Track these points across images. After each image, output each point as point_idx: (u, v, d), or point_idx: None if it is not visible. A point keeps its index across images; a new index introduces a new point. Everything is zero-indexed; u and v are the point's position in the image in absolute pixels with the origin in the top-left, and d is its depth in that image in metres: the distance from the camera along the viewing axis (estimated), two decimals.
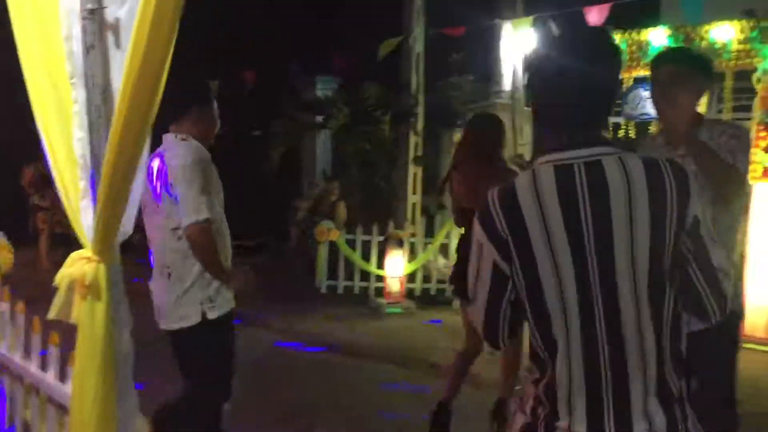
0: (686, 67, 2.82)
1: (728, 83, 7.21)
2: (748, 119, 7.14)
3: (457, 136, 9.98)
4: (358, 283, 8.49)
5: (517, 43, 10.12)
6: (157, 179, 3.02)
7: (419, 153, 9.14)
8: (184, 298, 3.02)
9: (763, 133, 6.72)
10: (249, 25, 12.11)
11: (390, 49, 8.50)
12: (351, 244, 8.42)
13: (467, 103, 10.20)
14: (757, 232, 6.71)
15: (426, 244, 8.59)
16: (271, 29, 12.07)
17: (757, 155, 6.76)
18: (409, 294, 8.29)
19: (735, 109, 7.61)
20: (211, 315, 3.02)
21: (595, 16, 6.91)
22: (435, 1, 9.35)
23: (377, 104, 9.34)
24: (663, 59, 2.95)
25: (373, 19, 10.05)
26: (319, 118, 10.02)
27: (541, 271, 1.55)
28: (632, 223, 1.51)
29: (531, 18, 8.46)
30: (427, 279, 8.59)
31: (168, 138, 3.12)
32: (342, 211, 8.86)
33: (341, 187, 9.08)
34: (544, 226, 1.54)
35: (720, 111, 7.77)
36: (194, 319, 3.01)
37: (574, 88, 1.59)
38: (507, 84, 10.24)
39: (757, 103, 6.83)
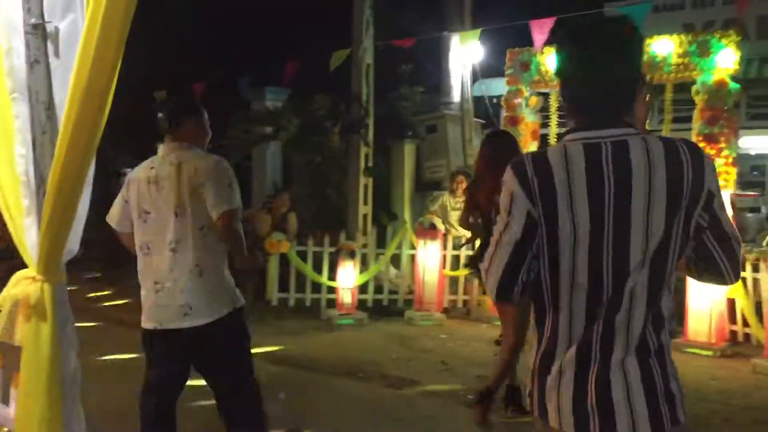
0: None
1: (668, 95, 7.45)
2: (688, 130, 7.38)
3: (409, 146, 10.06)
4: (309, 295, 8.46)
5: (465, 55, 10.28)
6: (177, 185, 3.16)
7: (370, 164, 9.16)
8: (217, 292, 3.21)
9: (702, 144, 6.94)
10: (197, 36, 12.01)
11: (341, 60, 8.52)
12: (302, 255, 8.38)
13: (417, 114, 10.29)
14: None
15: (377, 254, 8.61)
16: (219, 40, 11.99)
17: None
18: (361, 305, 8.29)
19: (675, 120, 7.86)
20: (238, 304, 3.27)
21: (540, 30, 7.05)
22: (384, 13, 9.42)
23: (327, 115, 9.34)
24: None
25: (323, 30, 10.08)
26: (269, 130, 9.97)
27: (560, 232, 1.69)
28: (650, 198, 1.66)
29: (478, 31, 8.58)
30: (379, 290, 8.60)
31: (172, 147, 3.25)
32: (293, 222, 8.82)
33: (292, 199, 9.04)
34: (569, 192, 1.68)
35: (661, 122, 8.02)
36: (227, 310, 3.20)
37: (602, 74, 1.71)
38: (456, 95, 10.39)
39: (696, 114, 7.06)
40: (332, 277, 8.17)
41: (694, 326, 6.81)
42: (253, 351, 3.50)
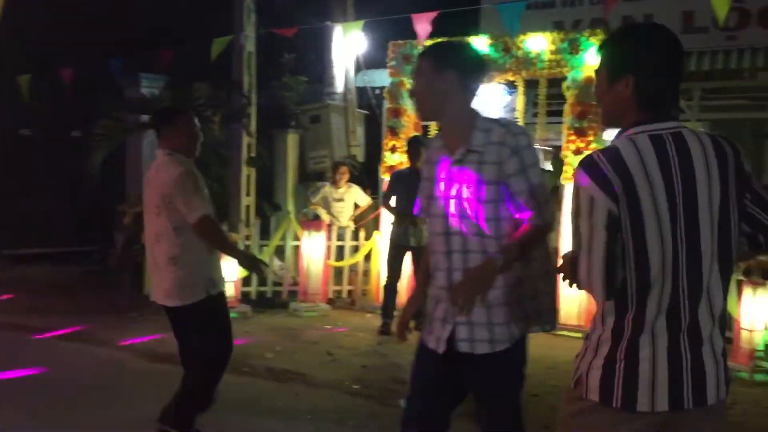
0: None
1: (542, 90, 7.79)
2: (560, 123, 7.75)
3: (292, 137, 9.95)
4: None
5: (349, 46, 10.29)
6: (154, 190, 3.81)
7: (252, 154, 9.00)
8: (189, 281, 3.77)
9: (572, 137, 7.31)
10: (66, 16, 11.30)
11: (222, 48, 8.29)
12: None
13: (300, 104, 10.20)
14: (568, 225, 7.28)
15: (261, 246, 8.48)
16: (90, 22, 11.34)
17: (567, 157, 7.36)
18: (245, 298, 8.15)
19: (548, 114, 8.23)
20: (213, 291, 3.84)
21: (422, 23, 7.16)
22: (266, 1, 9.26)
23: (208, 104, 9.06)
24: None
25: (202, 15, 9.78)
26: (145, 118, 9.56)
27: (646, 224, 1.79)
28: (710, 184, 1.83)
29: (361, 22, 8.61)
30: (262, 282, 8.48)
31: (158, 154, 3.88)
32: None
33: None
34: (648, 184, 1.79)
35: (535, 116, 8.38)
36: (200, 296, 3.78)
37: (670, 70, 1.91)
38: (339, 86, 10.39)
39: (567, 109, 7.42)
40: None
41: (565, 310, 7.18)
42: (131, 347, 3.44)
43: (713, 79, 10.36)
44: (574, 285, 1.96)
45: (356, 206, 8.84)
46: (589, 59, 7.26)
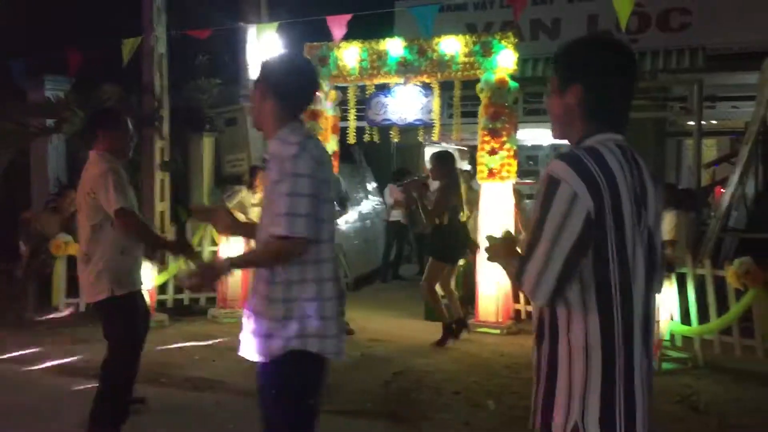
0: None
1: (457, 92, 7.92)
2: (475, 124, 7.91)
3: (207, 140, 9.74)
4: None
5: (263, 48, 10.17)
6: (83, 188, 3.99)
7: (166, 158, 8.76)
8: (99, 278, 3.93)
9: (487, 138, 7.47)
10: None
11: (132, 49, 8.04)
12: None
13: (215, 106, 10.00)
14: (486, 226, 7.43)
15: None
16: None
17: (483, 157, 7.52)
18: (161, 306, 7.93)
19: (463, 114, 8.37)
20: (117, 292, 3.94)
21: (337, 25, 7.16)
22: (177, 1, 9.04)
23: (117, 107, 8.76)
24: None
25: (109, 15, 9.44)
26: (51, 122, 9.16)
27: (626, 230, 1.74)
28: (657, 204, 1.87)
29: (276, 23, 8.54)
30: (179, 289, 8.28)
31: (90, 155, 4.06)
32: None
33: None
34: (627, 188, 1.75)
35: (450, 117, 8.52)
36: (105, 295, 3.92)
37: (617, 85, 1.89)
38: None
39: (481, 110, 7.58)
40: None
41: (483, 308, 7.34)
42: (42, 366, 3.31)
43: None
44: (510, 276, 1.92)
45: None
46: (501, 61, 7.44)
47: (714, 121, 12.48)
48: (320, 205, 2.49)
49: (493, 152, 7.42)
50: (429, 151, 14.15)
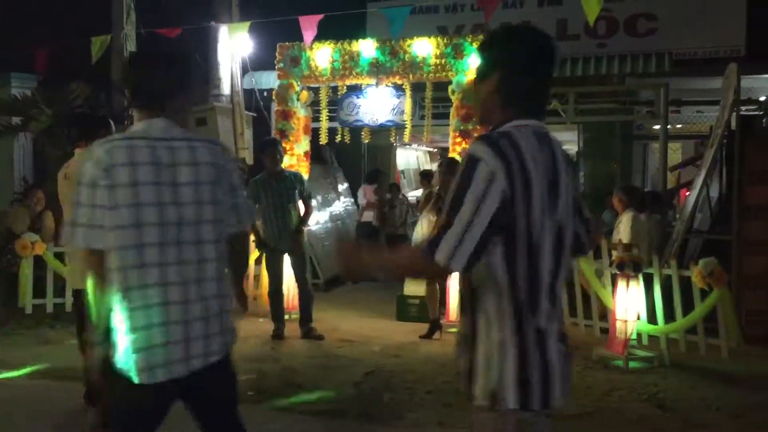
0: None
1: (429, 93, 7.98)
2: (446, 125, 7.97)
3: None
4: (70, 300, 7.78)
5: (235, 48, 10.11)
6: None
7: None
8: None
9: (458, 139, 7.54)
10: None
11: (102, 47, 7.96)
12: (60, 257, 7.69)
13: None
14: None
15: None
16: None
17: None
18: None
19: (434, 116, 8.44)
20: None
21: (309, 25, 7.16)
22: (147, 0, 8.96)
23: (86, 105, 8.65)
24: None
25: (78, 13, 9.32)
26: (17, 120, 9.00)
27: (535, 210, 1.82)
28: (568, 183, 1.93)
29: (247, 23, 8.50)
30: None
31: (78, 153, 4.35)
32: (49, 222, 8.05)
33: (47, 196, 8.24)
34: (537, 170, 1.82)
35: (422, 118, 8.57)
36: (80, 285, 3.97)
37: (548, 70, 1.99)
38: (226, 88, 10.19)
39: (452, 112, 7.64)
40: None
41: (454, 308, 7.38)
42: (8, 365, 3.21)
43: (585, 84, 10.97)
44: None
45: None
46: (473, 63, 7.52)
47: (679, 125, 12.72)
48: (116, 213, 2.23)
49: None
50: (401, 152, 14.22)
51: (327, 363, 6.05)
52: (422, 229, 8.68)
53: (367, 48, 7.90)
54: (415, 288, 8.02)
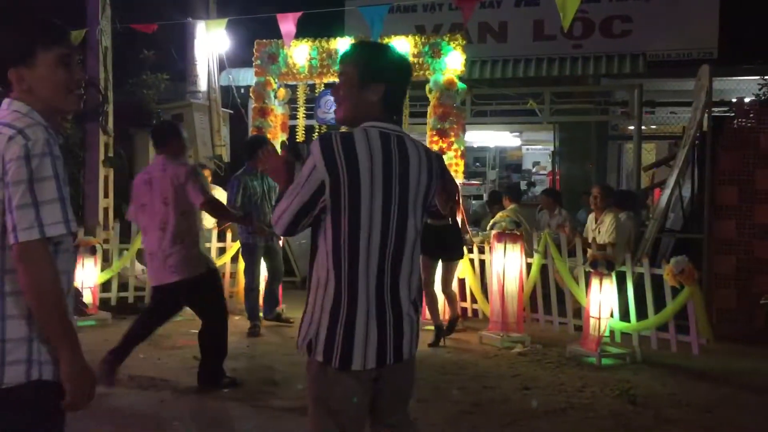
0: None
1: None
2: (424, 125, 8.00)
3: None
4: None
5: (212, 44, 10.07)
6: (166, 183, 5.02)
7: (110, 154, 8.60)
8: (191, 257, 4.98)
9: (435, 138, 7.58)
10: None
11: (77, 42, 7.86)
12: None
13: (162, 102, 9.86)
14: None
15: (121, 250, 8.12)
16: None
17: None
18: (104, 304, 7.78)
19: (412, 115, 8.46)
20: (212, 265, 5.26)
21: (287, 23, 7.15)
22: None
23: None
24: None
25: (52, 6, 9.20)
26: None
27: (362, 199, 2.17)
28: (419, 179, 2.28)
29: (225, 20, 8.47)
30: (123, 287, 8.13)
31: (159, 158, 5.06)
32: None
33: None
34: (370, 167, 2.17)
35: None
36: (202, 269, 5.03)
37: (404, 85, 2.37)
38: (203, 84, 10.14)
39: (429, 111, 7.68)
40: None
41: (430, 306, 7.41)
42: None
43: (561, 84, 11.07)
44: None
45: None
46: (450, 62, 7.56)
47: (653, 126, 12.89)
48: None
49: (441, 152, 7.51)
50: None
51: (303, 360, 6.04)
52: None
53: (344, 46, 7.90)
54: None
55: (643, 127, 10.62)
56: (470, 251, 7.55)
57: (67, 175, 1.91)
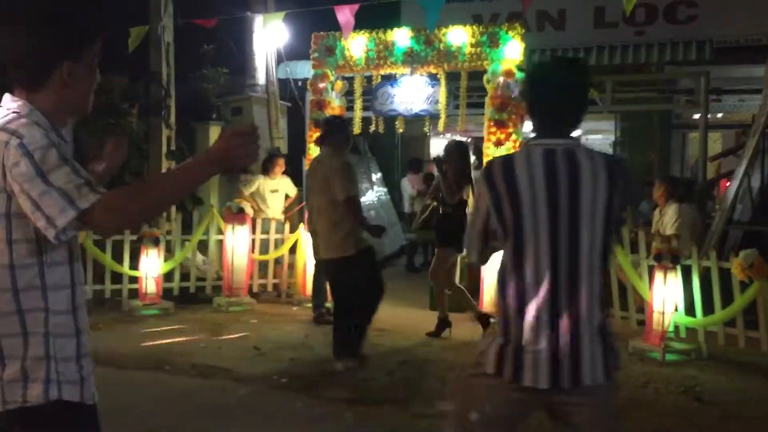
0: None
1: (464, 83, 7.91)
2: (481, 115, 7.91)
3: (214, 129, 9.76)
4: (109, 287, 7.95)
5: (270, 38, 10.17)
6: (318, 175, 5.57)
7: (172, 147, 8.79)
8: (338, 239, 5.46)
9: (493, 129, 7.48)
10: None
11: (139, 38, 8.06)
12: (100, 244, 7.86)
13: (222, 96, 10.02)
14: None
15: (183, 241, 8.31)
16: None
17: (488, 149, 7.53)
18: (167, 294, 7.97)
19: (469, 105, 8.37)
20: (362, 246, 5.56)
21: (344, 14, 7.14)
22: None
23: (123, 96, 8.79)
24: None
25: (116, 3, 9.45)
26: None
27: (524, 218, 2.21)
28: (594, 195, 2.20)
29: (282, 13, 8.54)
30: (185, 277, 8.32)
31: (323, 151, 5.62)
32: None
33: None
34: (531, 187, 2.20)
35: (456, 107, 8.52)
36: (352, 251, 5.46)
37: (559, 98, 2.31)
38: (261, 77, 10.26)
39: (487, 101, 7.58)
40: (134, 266, 7.75)
41: (488, 298, 7.35)
42: None
43: (623, 73, 10.78)
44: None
45: (286, 197, 8.82)
46: (508, 52, 7.44)
47: (720, 115, 12.45)
48: None
49: (498, 143, 7.43)
50: (435, 142, 14.20)
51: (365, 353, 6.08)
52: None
53: (401, 37, 7.87)
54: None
55: (709, 116, 10.27)
56: None
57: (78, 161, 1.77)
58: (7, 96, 1.86)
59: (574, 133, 2.36)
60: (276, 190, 8.68)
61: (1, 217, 1.78)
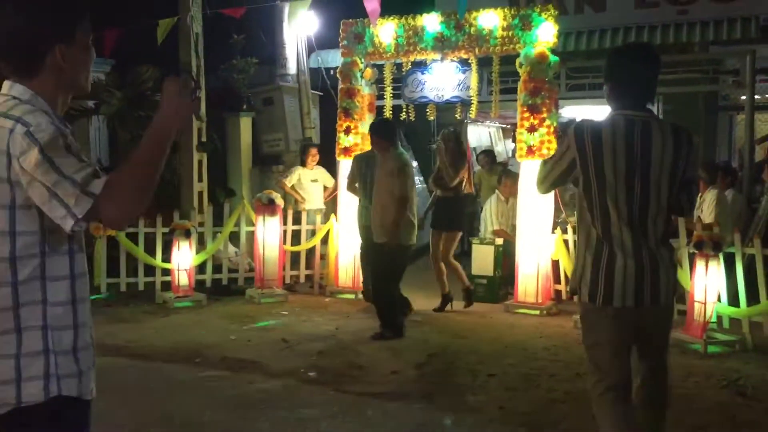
0: None
1: (495, 67, 7.69)
2: (514, 101, 7.70)
3: (245, 120, 9.71)
4: (142, 279, 7.99)
5: (299, 26, 10.07)
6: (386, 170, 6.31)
7: (203, 139, 8.77)
8: (388, 227, 6.15)
9: (526, 114, 7.26)
10: None
11: (167, 29, 8.04)
12: (133, 237, 7.89)
13: (252, 86, 9.96)
14: (525, 205, 7.27)
15: (215, 233, 8.30)
16: None
17: (522, 135, 7.32)
18: (200, 286, 7.98)
19: (502, 91, 8.15)
20: (403, 242, 6.22)
21: (371, 2, 6.98)
22: None
23: (155, 88, 8.79)
24: None
25: None
26: (91, 104, 9.26)
27: (606, 172, 2.79)
28: (662, 160, 2.79)
29: (308, 1, 8.44)
30: (217, 269, 8.32)
31: (390, 149, 6.26)
32: None
33: None
34: (613, 146, 2.79)
35: (490, 93, 8.31)
36: (395, 242, 6.14)
37: (635, 77, 2.92)
38: (292, 67, 10.17)
39: (520, 86, 7.36)
40: (167, 258, 7.77)
41: (523, 288, 7.19)
42: None
43: (665, 53, 10.39)
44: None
45: (324, 188, 8.79)
46: (542, 35, 7.21)
47: None
48: None
49: (532, 129, 7.22)
50: (472, 129, 13.94)
51: (391, 344, 5.98)
52: (491, 207, 8.50)
53: (431, 22, 7.69)
54: (481, 268, 7.86)
55: (756, 97, 9.85)
56: (564, 231, 7.25)
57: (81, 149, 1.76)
58: (7, 82, 1.81)
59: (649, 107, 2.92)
60: (315, 180, 8.68)
61: (5, 209, 1.72)
